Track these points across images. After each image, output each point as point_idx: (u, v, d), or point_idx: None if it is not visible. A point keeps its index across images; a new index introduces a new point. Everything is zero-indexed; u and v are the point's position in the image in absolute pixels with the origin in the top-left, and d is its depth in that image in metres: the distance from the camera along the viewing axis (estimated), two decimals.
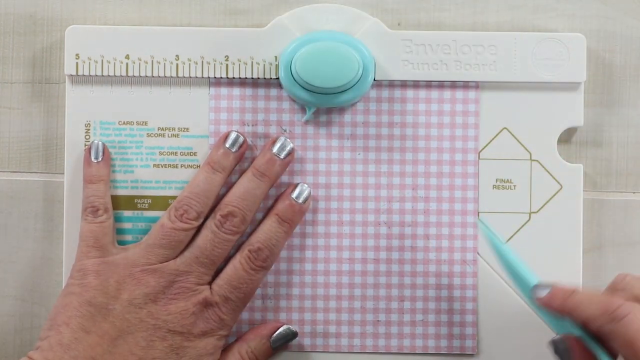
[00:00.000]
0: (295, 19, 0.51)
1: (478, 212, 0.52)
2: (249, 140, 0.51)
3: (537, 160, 0.52)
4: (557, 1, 0.53)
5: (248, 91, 0.52)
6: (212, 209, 0.49)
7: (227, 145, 0.50)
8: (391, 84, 0.52)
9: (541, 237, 0.52)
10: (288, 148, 0.50)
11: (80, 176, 0.51)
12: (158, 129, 0.52)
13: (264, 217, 0.50)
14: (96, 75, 0.51)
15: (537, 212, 0.52)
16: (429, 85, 0.52)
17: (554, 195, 0.52)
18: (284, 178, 0.51)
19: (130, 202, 0.52)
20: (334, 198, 0.52)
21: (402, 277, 0.52)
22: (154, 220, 0.50)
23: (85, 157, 0.50)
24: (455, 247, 0.52)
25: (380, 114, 0.52)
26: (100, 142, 0.50)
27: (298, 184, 0.50)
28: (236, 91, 0.52)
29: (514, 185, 0.52)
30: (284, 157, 0.50)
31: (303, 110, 0.52)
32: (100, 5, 0.53)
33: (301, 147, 0.52)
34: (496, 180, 0.52)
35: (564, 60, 0.51)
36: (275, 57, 0.51)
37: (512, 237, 0.52)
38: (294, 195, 0.50)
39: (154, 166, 0.52)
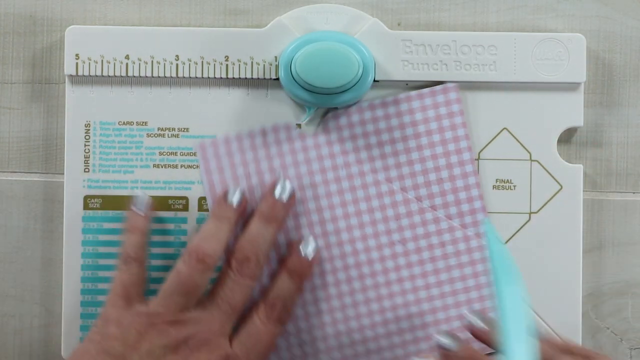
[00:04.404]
0: (295, 19, 0.51)
1: (485, 208, 0.52)
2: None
3: (537, 161, 0.52)
4: (557, 1, 0.53)
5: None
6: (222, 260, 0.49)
7: (229, 198, 0.50)
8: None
9: (541, 237, 0.52)
10: (288, 190, 0.50)
11: (80, 176, 0.51)
12: (158, 129, 0.52)
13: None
14: (96, 76, 0.51)
15: (537, 212, 0.52)
16: (408, 98, 0.51)
17: (554, 195, 0.52)
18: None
19: (130, 202, 0.52)
20: (343, 229, 0.51)
21: (429, 290, 0.51)
22: (154, 220, 0.51)
23: (131, 204, 0.50)
24: (472, 247, 0.51)
25: (367, 136, 0.51)
26: (146, 196, 0.50)
27: (304, 236, 0.51)
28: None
29: (514, 186, 0.52)
30: (287, 200, 0.50)
31: (303, 110, 0.52)
32: (100, 5, 0.53)
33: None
34: (496, 181, 0.52)
35: (563, 60, 0.51)
36: (275, 57, 0.51)
37: (512, 237, 0.52)
38: (301, 247, 0.50)
39: (154, 166, 0.52)
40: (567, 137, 0.53)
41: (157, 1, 0.53)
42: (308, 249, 0.50)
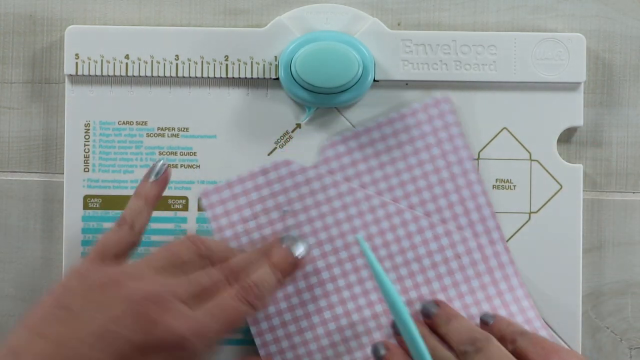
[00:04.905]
0: (295, 19, 0.51)
1: (494, 215, 0.51)
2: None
3: (537, 160, 0.52)
4: (557, 1, 0.53)
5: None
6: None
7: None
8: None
9: (541, 237, 0.52)
10: (302, 249, 0.49)
11: (80, 176, 0.51)
12: (158, 129, 0.52)
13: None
14: (96, 75, 0.51)
15: (537, 212, 0.52)
16: (402, 116, 0.51)
17: (554, 195, 0.52)
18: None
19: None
20: (357, 255, 0.51)
21: (450, 304, 0.51)
22: (154, 220, 0.50)
23: (147, 171, 0.48)
24: (487, 255, 0.51)
25: (368, 159, 0.51)
26: (164, 165, 0.48)
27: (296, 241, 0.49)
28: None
29: (514, 185, 0.52)
30: (300, 258, 0.48)
31: (303, 110, 0.52)
32: (100, 5, 0.53)
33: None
34: (496, 181, 0.52)
35: (563, 60, 0.51)
36: (275, 57, 0.51)
37: (512, 237, 0.52)
38: (292, 248, 0.49)
39: None
40: (567, 137, 0.53)
41: (157, 1, 0.53)
42: (298, 249, 0.48)
